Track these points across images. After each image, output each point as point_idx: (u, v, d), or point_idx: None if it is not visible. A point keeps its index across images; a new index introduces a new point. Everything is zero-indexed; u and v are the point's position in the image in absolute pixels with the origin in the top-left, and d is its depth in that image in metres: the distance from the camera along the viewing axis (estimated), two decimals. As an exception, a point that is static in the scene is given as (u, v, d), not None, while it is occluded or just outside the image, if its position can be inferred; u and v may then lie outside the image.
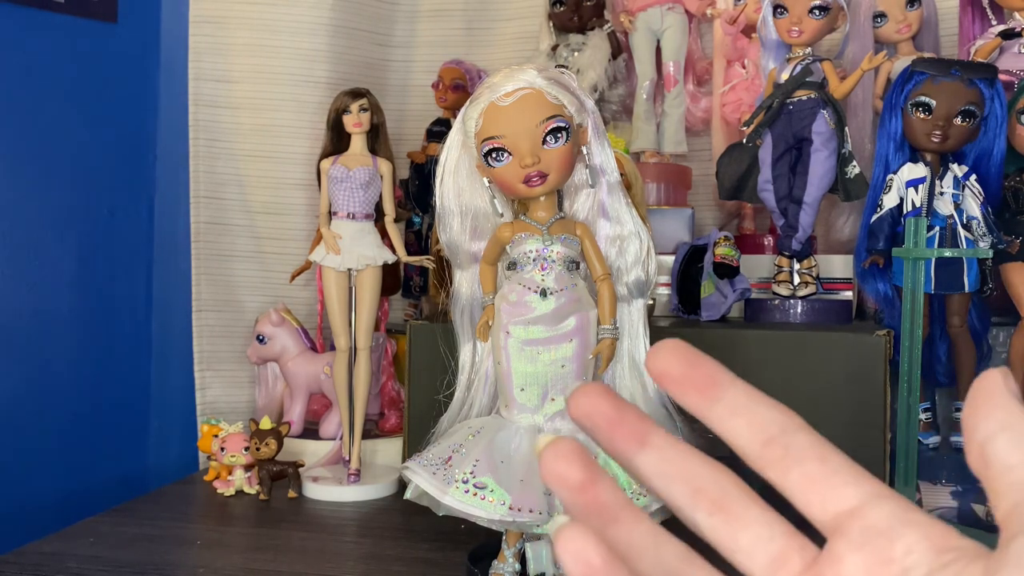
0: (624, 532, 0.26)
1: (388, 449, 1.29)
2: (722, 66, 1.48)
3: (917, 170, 1.06)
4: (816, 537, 0.25)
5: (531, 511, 0.74)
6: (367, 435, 1.24)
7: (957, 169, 1.06)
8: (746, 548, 0.25)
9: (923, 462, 1.01)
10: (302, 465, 1.18)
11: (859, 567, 0.23)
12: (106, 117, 1.39)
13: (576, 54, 1.43)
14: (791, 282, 1.18)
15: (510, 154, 0.77)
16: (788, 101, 1.15)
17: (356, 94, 1.17)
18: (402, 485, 0.97)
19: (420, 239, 1.49)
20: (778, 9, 1.16)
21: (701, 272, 1.19)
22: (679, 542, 0.26)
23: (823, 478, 0.25)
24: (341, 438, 1.24)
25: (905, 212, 1.06)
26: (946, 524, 0.24)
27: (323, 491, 1.15)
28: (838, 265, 1.24)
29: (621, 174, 0.85)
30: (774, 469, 0.25)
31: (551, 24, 1.46)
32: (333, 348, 1.22)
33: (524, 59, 1.47)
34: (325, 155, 1.19)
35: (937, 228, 1.05)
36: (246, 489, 1.16)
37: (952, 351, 1.11)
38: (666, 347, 0.26)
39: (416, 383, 1.14)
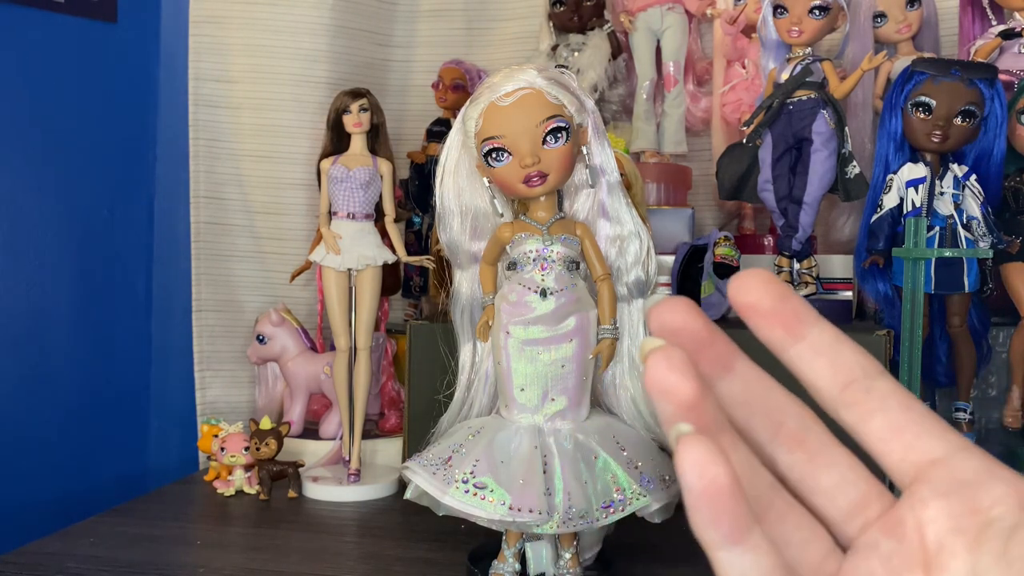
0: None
1: (388, 449, 1.29)
2: (722, 66, 1.48)
3: (917, 170, 1.06)
4: None
5: (531, 511, 0.74)
6: (367, 435, 1.24)
7: (957, 169, 1.06)
8: (827, 490, 0.25)
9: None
10: (302, 465, 1.18)
11: (944, 513, 0.23)
12: (106, 117, 1.39)
13: (576, 54, 1.43)
14: (791, 282, 1.18)
15: (510, 154, 0.77)
16: (788, 101, 1.15)
17: (356, 94, 1.17)
18: (402, 485, 0.97)
19: (420, 239, 1.49)
20: (778, 9, 1.16)
21: (701, 272, 1.18)
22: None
23: (907, 426, 0.24)
24: (341, 438, 1.24)
25: (905, 212, 1.06)
26: None
27: (323, 491, 1.15)
28: (838, 265, 1.24)
29: (621, 174, 0.85)
30: (852, 412, 0.24)
31: (551, 24, 1.46)
32: (333, 348, 1.22)
33: (524, 59, 1.47)
34: (325, 155, 1.19)
35: (937, 228, 1.05)
36: (246, 489, 1.16)
37: (952, 351, 1.11)
38: (754, 278, 0.25)
39: (416, 383, 1.14)
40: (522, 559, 0.83)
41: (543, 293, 0.79)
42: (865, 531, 0.24)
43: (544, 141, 0.76)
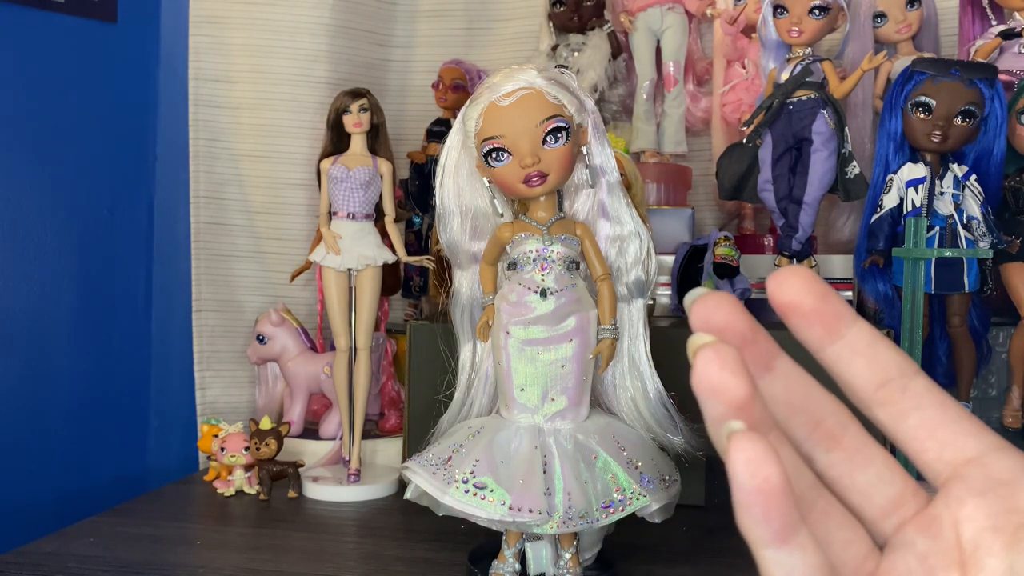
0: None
1: (388, 449, 1.29)
2: (722, 66, 1.48)
3: (917, 170, 1.06)
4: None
5: (531, 511, 0.74)
6: (367, 435, 1.24)
7: (957, 169, 1.06)
8: (863, 488, 0.25)
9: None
10: (302, 465, 1.18)
11: (982, 511, 0.23)
12: (106, 117, 1.39)
13: (576, 54, 1.43)
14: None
15: (510, 154, 0.77)
16: (788, 101, 1.15)
17: (356, 94, 1.17)
18: (402, 485, 0.97)
19: (420, 239, 1.49)
20: (778, 9, 1.16)
21: (701, 272, 1.19)
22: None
23: (943, 425, 0.24)
24: (341, 438, 1.24)
25: (905, 212, 1.06)
26: None
27: (323, 491, 1.15)
28: (838, 265, 1.24)
29: (621, 174, 0.85)
30: (888, 411, 0.24)
31: (551, 24, 1.46)
32: (333, 348, 1.22)
33: (524, 59, 1.47)
34: (325, 155, 1.19)
35: (937, 228, 1.05)
36: (246, 489, 1.16)
37: (952, 351, 1.11)
38: (795, 276, 0.25)
39: (416, 383, 1.14)
40: (522, 559, 0.83)
41: (543, 293, 0.79)
42: (901, 529, 0.24)
43: (544, 141, 0.76)
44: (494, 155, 0.77)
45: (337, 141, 1.19)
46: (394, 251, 1.18)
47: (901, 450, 0.25)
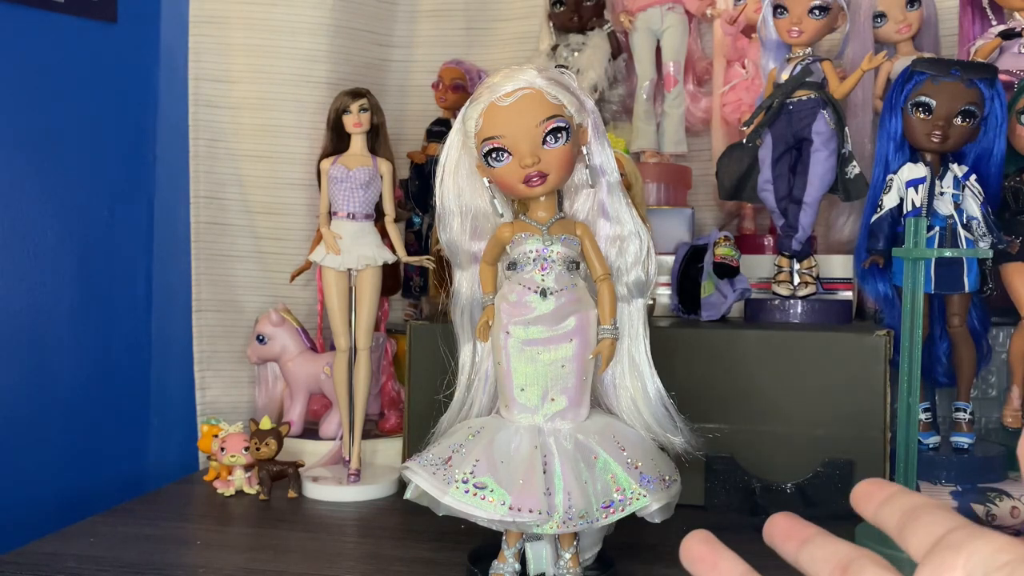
0: None
1: (388, 449, 1.29)
2: (722, 66, 1.48)
3: (917, 170, 1.06)
4: None
5: (531, 511, 0.74)
6: (367, 435, 1.24)
7: (957, 169, 1.06)
8: None
9: (923, 462, 1.01)
10: (302, 465, 1.18)
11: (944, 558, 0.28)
12: (106, 117, 1.39)
13: (576, 54, 1.43)
14: (791, 282, 1.18)
15: (510, 154, 0.77)
16: (788, 101, 1.15)
17: (356, 94, 1.17)
18: (402, 485, 0.97)
19: (420, 239, 1.49)
20: (778, 9, 1.16)
21: (701, 272, 1.19)
22: None
23: (929, 524, 0.29)
24: (341, 438, 1.24)
25: (905, 212, 1.06)
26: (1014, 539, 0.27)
27: (323, 491, 1.15)
28: (838, 265, 1.24)
29: (621, 174, 0.85)
30: (906, 537, 0.30)
31: (551, 24, 1.46)
32: (333, 348, 1.23)
33: (524, 59, 1.47)
34: (325, 155, 1.19)
35: (937, 228, 1.05)
36: (246, 489, 1.16)
37: (952, 351, 1.11)
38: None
39: (416, 383, 1.14)
40: (522, 559, 0.83)
41: (543, 293, 0.79)
42: None
43: (544, 141, 0.76)
44: (494, 155, 0.77)
45: (337, 141, 1.19)
46: (394, 251, 1.19)
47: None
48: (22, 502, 1.25)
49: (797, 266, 1.18)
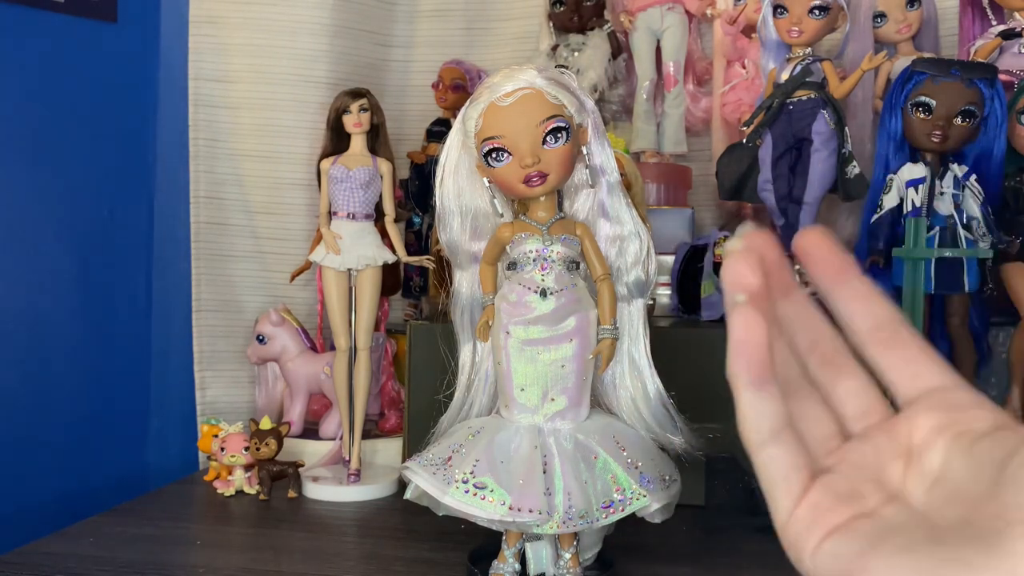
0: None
1: (388, 449, 1.29)
2: (722, 66, 1.48)
3: (917, 170, 1.06)
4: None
5: (531, 511, 0.74)
6: (367, 435, 1.24)
7: (957, 169, 1.06)
8: (841, 396, 0.31)
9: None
10: (302, 465, 1.18)
11: (932, 421, 0.28)
12: (106, 117, 1.39)
13: (576, 54, 1.43)
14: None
15: (510, 154, 0.77)
16: (788, 101, 1.15)
17: (356, 94, 1.17)
18: (402, 485, 0.97)
19: (420, 239, 1.49)
20: (778, 9, 1.16)
21: (701, 272, 1.19)
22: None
23: (920, 363, 0.30)
24: (341, 438, 1.24)
25: (905, 212, 1.06)
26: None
27: (323, 491, 1.15)
28: (838, 265, 1.23)
29: (621, 174, 0.85)
30: (877, 347, 0.30)
31: (551, 24, 1.46)
32: (333, 348, 1.22)
33: (524, 59, 1.47)
34: (325, 155, 1.19)
35: (937, 228, 1.05)
36: (246, 489, 1.16)
37: (952, 351, 1.11)
38: (814, 232, 0.32)
39: (416, 383, 1.14)
40: (522, 559, 0.83)
41: (543, 293, 0.79)
42: (865, 430, 0.31)
43: (544, 141, 0.76)
44: (494, 155, 0.77)
45: (337, 141, 1.19)
46: (394, 251, 1.18)
47: (882, 380, 0.31)
48: (22, 502, 1.25)
49: (797, 266, 1.18)
